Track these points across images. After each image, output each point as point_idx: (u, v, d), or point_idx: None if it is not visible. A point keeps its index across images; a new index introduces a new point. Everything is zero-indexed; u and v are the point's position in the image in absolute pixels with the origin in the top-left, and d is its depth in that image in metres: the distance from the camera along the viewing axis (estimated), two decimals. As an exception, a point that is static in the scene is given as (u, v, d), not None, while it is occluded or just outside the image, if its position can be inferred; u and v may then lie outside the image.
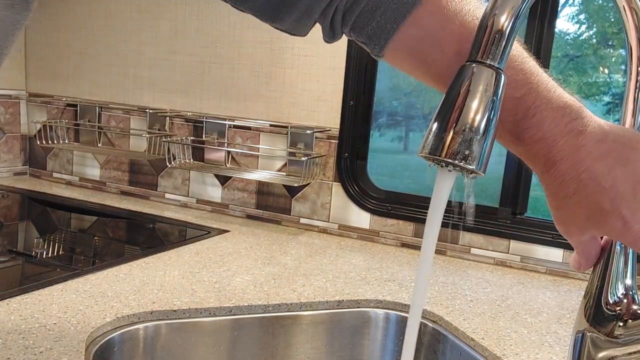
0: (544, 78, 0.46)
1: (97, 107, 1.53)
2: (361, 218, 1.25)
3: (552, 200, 0.46)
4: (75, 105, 1.56)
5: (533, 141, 0.45)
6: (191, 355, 0.76)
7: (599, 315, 0.50)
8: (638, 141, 0.44)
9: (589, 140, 0.44)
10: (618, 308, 0.49)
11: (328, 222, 1.28)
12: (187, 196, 1.43)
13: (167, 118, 1.43)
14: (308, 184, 1.27)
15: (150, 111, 1.45)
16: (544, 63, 1.09)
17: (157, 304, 0.77)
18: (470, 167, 0.38)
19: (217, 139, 1.37)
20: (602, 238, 0.50)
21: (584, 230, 0.46)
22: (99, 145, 1.54)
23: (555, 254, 1.09)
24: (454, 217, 1.16)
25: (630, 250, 0.50)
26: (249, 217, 1.36)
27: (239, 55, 1.34)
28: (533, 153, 0.46)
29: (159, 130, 1.45)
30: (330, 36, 0.54)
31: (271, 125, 1.31)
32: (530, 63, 0.46)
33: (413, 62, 0.51)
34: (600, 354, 0.50)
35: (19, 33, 0.47)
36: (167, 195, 1.46)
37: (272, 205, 1.33)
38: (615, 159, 0.43)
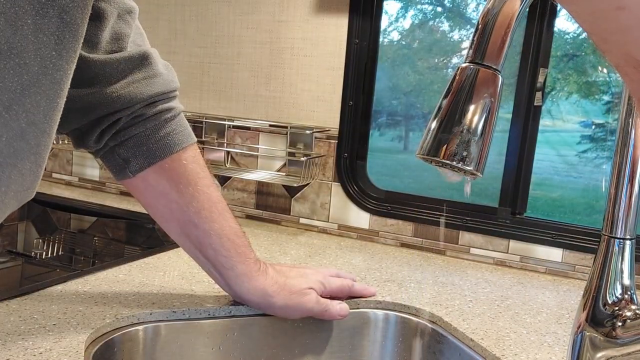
0: None
1: (96, 108, 1.53)
2: (361, 218, 1.25)
3: None
4: (75, 106, 1.56)
5: None
6: (191, 356, 0.76)
7: (597, 315, 0.50)
8: None
9: None
10: (617, 308, 0.49)
11: (328, 222, 1.28)
12: (187, 196, 1.43)
13: (167, 118, 1.43)
14: (307, 184, 1.27)
15: (150, 111, 1.44)
16: (544, 63, 1.09)
17: (157, 304, 0.77)
18: (468, 168, 0.39)
19: (217, 139, 1.37)
20: None
21: None
22: (98, 145, 1.54)
23: (555, 254, 1.09)
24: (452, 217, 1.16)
25: (629, 251, 0.50)
26: (249, 217, 1.36)
27: (239, 55, 1.34)
28: None
29: (158, 130, 1.44)
30: (83, 142, 0.69)
31: (271, 126, 1.31)
32: None
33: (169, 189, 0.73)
34: (599, 354, 0.50)
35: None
36: (167, 196, 1.46)
37: (272, 206, 1.34)
38: None
